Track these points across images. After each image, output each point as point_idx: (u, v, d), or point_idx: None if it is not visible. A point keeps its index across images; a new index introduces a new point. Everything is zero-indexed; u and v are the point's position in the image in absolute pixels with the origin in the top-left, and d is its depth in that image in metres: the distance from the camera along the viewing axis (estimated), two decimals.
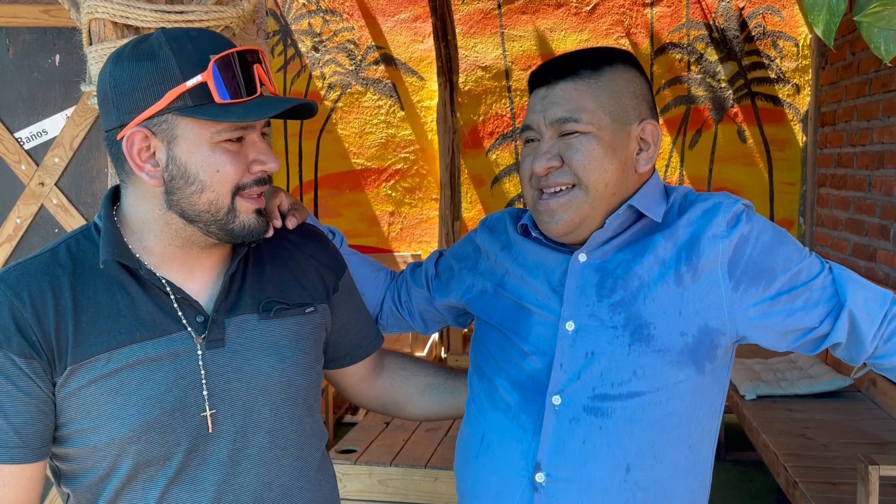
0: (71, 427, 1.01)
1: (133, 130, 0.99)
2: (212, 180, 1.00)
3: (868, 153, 3.54)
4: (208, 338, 1.05)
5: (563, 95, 1.14)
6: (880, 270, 3.34)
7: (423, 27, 4.69)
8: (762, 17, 4.48)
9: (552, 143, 1.14)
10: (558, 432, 1.11)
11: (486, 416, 1.20)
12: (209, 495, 1.04)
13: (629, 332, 1.11)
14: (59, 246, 1.06)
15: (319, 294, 1.19)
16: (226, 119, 0.97)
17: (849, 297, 1.13)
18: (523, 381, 1.16)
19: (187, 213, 1.02)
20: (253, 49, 1.02)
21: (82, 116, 1.94)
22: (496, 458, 1.17)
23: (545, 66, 1.18)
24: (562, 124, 1.13)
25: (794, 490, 2.46)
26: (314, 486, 1.16)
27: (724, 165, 4.57)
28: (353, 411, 4.20)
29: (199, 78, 0.96)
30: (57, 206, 1.96)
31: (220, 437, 1.05)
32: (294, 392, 1.12)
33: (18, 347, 0.97)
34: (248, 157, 1.02)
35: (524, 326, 1.18)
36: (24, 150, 1.96)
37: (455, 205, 4.58)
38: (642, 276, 1.13)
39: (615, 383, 1.10)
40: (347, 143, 4.83)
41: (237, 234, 1.04)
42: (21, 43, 1.94)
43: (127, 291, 1.03)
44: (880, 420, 2.95)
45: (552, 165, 1.13)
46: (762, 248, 1.13)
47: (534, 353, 1.16)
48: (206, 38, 1.00)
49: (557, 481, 1.11)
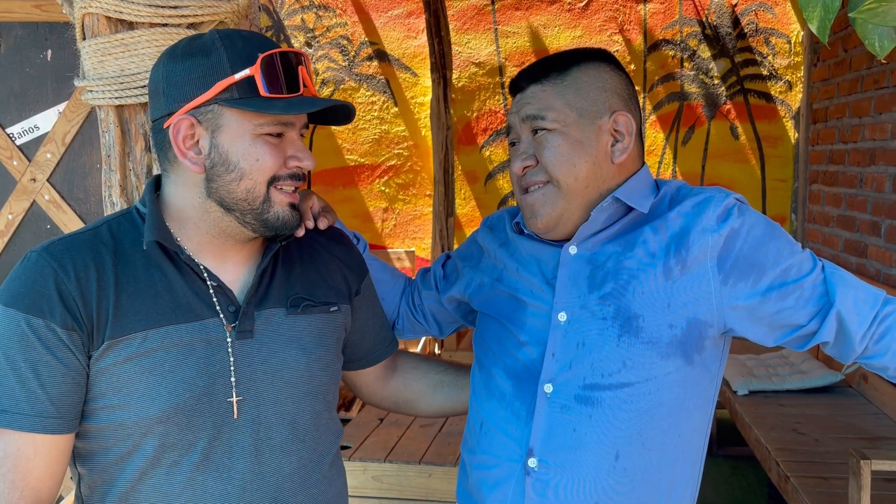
0: (99, 402, 1.03)
1: (180, 118, 1.04)
2: (251, 168, 1.04)
3: (860, 150, 3.55)
4: (239, 328, 1.08)
5: (532, 96, 1.20)
6: (871, 267, 3.36)
7: (417, 23, 4.68)
8: (755, 13, 4.49)
9: (528, 144, 1.21)
10: (550, 419, 1.15)
11: (484, 404, 1.24)
12: (236, 483, 1.07)
13: (618, 323, 1.14)
14: (102, 226, 1.09)
15: (343, 295, 1.23)
16: (269, 111, 1.02)
17: (838, 298, 1.14)
18: (518, 371, 1.20)
19: (226, 202, 1.06)
20: (299, 52, 1.07)
21: (74, 112, 1.93)
22: (492, 444, 1.21)
23: (520, 73, 1.25)
24: (531, 121, 1.19)
25: (786, 485, 2.47)
26: (328, 481, 1.20)
27: (717, 162, 4.58)
28: (348, 407, 4.20)
29: (247, 72, 1.02)
30: (49, 202, 1.95)
31: (245, 425, 1.08)
32: (316, 387, 1.15)
33: (62, 318, 0.99)
34: (287, 152, 1.07)
35: (520, 317, 1.22)
36: (16, 145, 1.95)
37: (449, 201, 4.57)
38: (631, 268, 1.15)
39: (605, 373, 1.13)
40: (341, 139, 4.82)
41: (271, 225, 1.08)
42: (13, 38, 1.93)
43: (165, 274, 1.06)
44: (871, 415, 2.97)
45: (528, 164, 1.20)
46: (753, 242, 1.14)
47: (529, 342, 1.20)
48: (256, 38, 1.06)
49: (549, 467, 1.15)
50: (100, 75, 1.30)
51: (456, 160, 4.71)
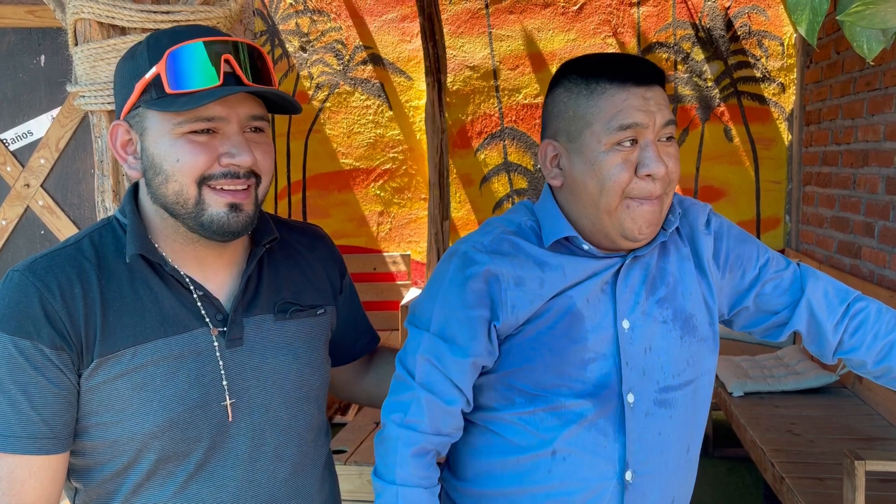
0: (92, 419, 1.01)
1: (115, 123, 1.03)
2: (173, 170, 1.00)
3: (853, 151, 3.57)
4: (228, 336, 1.06)
5: (663, 99, 1.10)
6: (865, 268, 3.37)
7: (411, 27, 4.69)
8: (748, 16, 4.51)
9: (656, 149, 1.08)
10: (639, 429, 1.15)
11: (553, 433, 1.14)
12: (231, 492, 1.06)
13: (678, 324, 1.17)
14: (83, 239, 1.06)
15: (328, 295, 1.22)
16: (170, 109, 0.97)
17: (808, 289, 1.23)
18: (591, 389, 1.14)
19: (165, 206, 1.03)
20: (227, 40, 1.00)
21: (68, 117, 1.93)
22: (577, 468, 1.14)
23: (628, 65, 1.10)
24: (665, 128, 1.09)
25: (781, 486, 2.48)
26: (321, 483, 1.19)
27: (711, 164, 4.59)
28: (344, 411, 4.19)
29: (154, 70, 0.98)
30: (43, 208, 1.95)
31: (240, 433, 1.06)
32: (307, 391, 1.14)
33: (49, 338, 0.97)
34: (219, 149, 1.00)
35: (579, 334, 1.14)
36: (10, 151, 1.95)
37: (444, 205, 4.58)
38: (674, 272, 1.20)
39: (675, 374, 1.17)
40: (335, 143, 4.82)
41: (207, 228, 1.02)
42: (6, 44, 1.93)
43: (150, 287, 1.04)
44: (866, 416, 2.98)
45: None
46: (735, 239, 1.25)
47: (596, 358, 1.14)
48: (187, 33, 1.01)
49: (644, 475, 1.16)
50: (92, 80, 1.30)
51: (451, 164, 4.71)
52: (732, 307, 1.26)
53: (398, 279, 4.81)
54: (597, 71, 1.09)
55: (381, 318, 4.57)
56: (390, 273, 4.82)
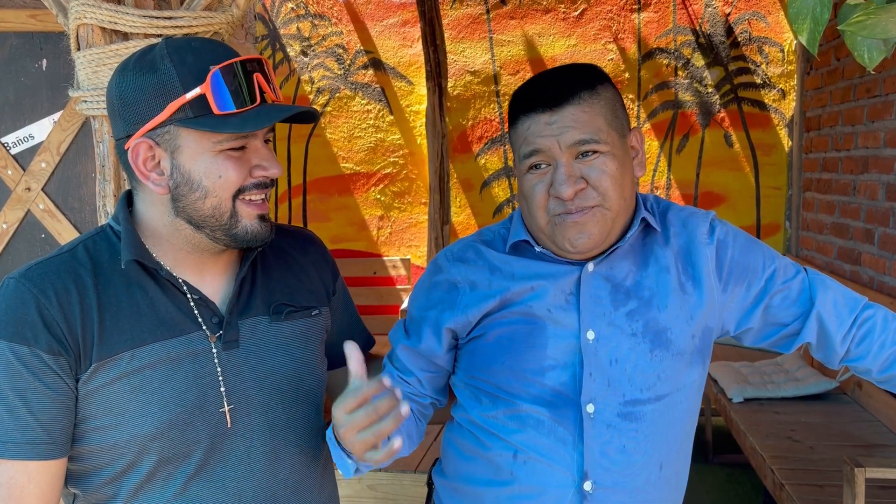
0: (91, 424, 1.02)
1: (137, 141, 1.02)
2: (214, 186, 1.02)
3: (853, 158, 3.57)
4: (224, 338, 1.08)
5: (574, 118, 1.11)
6: (865, 274, 3.37)
7: (412, 32, 4.70)
8: (748, 22, 4.51)
9: (571, 167, 1.12)
10: (599, 440, 1.15)
11: (515, 435, 1.19)
12: (231, 492, 1.07)
13: (648, 338, 1.16)
14: (77, 246, 1.07)
15: (322, 297, 1.23)
16: (224, 130, 0.99)
17: (818, 300, 1.21)
18: (548, 397, 1.17)
19: (194, 220, 1.04)
20: (254, 58, 1.04)
21: (69, 121, 1.93)
22: (535, 472, 1.17)
23: (539, 90, 1.14)
24: (580, 146, 1.11)
25: (781, 492, 2.47)
26: (320, 483, 1.20)
27: (711, 170, 4.59)
28: None
29: (198, 90, 0.99)
30: (44, 212, 1.95)
31: (238, 434, 1.08)
32: (305, 391, 1.16)
33: (47, 344, 0.98)
34: (251, 161, 1.05)
35: (539, 340, 1.17)
36: (11, 154, 1.95)
37: (444, 209, 4.58)
38: (650, 286, 1.18)
39: (644, 388, 1.16)
40: (336, 147, 4.83)
41: (241, 239, 1.06)
42: (8, 48, 1.93)
43: (146, 291, 1.05)
44: (866, 422, 2.98)
45: (579, 188, 1.12)
46: (740, 248, 1.22)
47: (555, 366, 1.16)
48: (207, 49, 1.02)
49: (606, 487, 1.15)
50: (94, 86, 1.30)
51: (451, 168, 4.71)
52: (740, 324, 1.23)
53: (398, 283, 4.81)
54: (514, 101, 1.18)
55: (381, 321, 4.57)
56: (390, 277, 4.82)
